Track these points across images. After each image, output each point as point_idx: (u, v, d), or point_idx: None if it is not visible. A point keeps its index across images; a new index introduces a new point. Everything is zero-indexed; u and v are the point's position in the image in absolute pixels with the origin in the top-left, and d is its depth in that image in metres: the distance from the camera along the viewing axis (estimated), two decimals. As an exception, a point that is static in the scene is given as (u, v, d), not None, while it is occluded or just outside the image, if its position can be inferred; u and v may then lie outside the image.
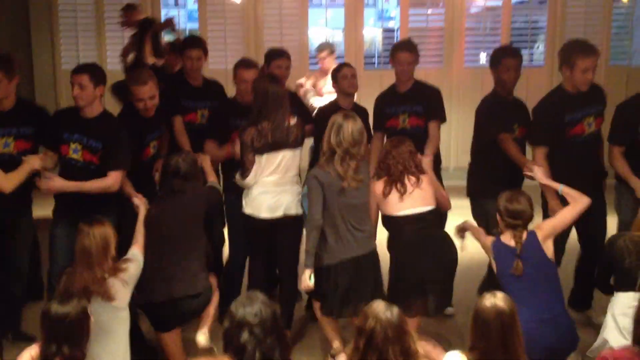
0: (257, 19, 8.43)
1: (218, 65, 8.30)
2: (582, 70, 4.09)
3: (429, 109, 4.75)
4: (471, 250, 4.14)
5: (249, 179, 4.04)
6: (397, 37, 9.17)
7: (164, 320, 3.80)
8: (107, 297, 3.31)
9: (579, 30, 8.36)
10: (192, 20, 9.71)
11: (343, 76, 4.67)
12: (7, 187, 3.79)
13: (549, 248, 3.56)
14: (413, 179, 3.91)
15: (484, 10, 8.74)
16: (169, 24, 6.70)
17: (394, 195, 3.89)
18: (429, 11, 8.75)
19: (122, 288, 3.38)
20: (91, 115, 4.05)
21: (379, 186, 3.96)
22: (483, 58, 8.71)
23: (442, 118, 4.83)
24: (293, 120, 4.10)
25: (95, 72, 4.05)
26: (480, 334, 2.65)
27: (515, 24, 8.68)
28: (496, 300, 2.67)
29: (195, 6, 8.87)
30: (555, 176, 4.08)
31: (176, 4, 10.62)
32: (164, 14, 8.80)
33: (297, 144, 4.11)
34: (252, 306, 2.48)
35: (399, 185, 3.89)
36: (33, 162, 3.90)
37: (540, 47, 9.18)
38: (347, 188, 3.76)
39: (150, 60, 6.09)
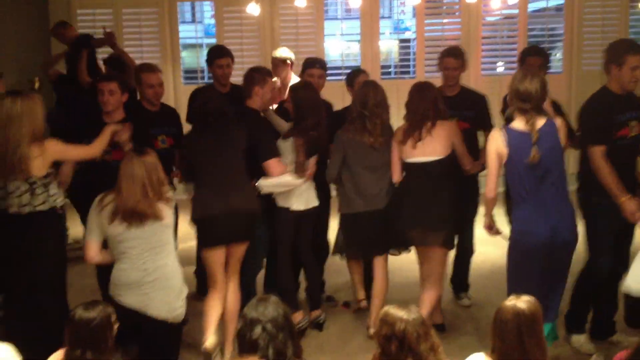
0: (273, 32, 8.50)
1: (235, 78, 8.34)
2: (631, 67, 3.98)
3: (480, 116, 4.80)
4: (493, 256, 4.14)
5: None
6: (413, 47, 9.18)
7: (214, 234, 4.04)
8: (159, 217, 3.55)
9: (596, 37, 8.33)
10: (209, 35, 9.81)
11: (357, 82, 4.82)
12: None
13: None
14: (429, 124, 4.18)
15: (501, 19, 8.73)
16: (109, 39, 6.27)
17: (410, 142, 4.20)
18: (445, 20, 8.77)
19: (168, 208, 3.64)
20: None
21: (399, 132, 4.31)
22: (500, 66, 8.70)
23: (490, 126, 4.72)
24: None
25: (122, 80, 4.45)
26: (498, 333, 2.64)
27: (532, 32, 8.66)
28: (518, 301, 2.65)
29: (212, 21, 8.96)
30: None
31: (193, 19, 10.73)
32: (181, 30, 8.91)
33: None
34: (264, 306, 2.58)
35: (415, 134, 4.19)
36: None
37: (557, 55, 9.15)
38: (371, 147, 4.30)
39: (86, 78, 5.93)
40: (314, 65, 5.04)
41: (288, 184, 4.32)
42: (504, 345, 2.61)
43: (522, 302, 2.65)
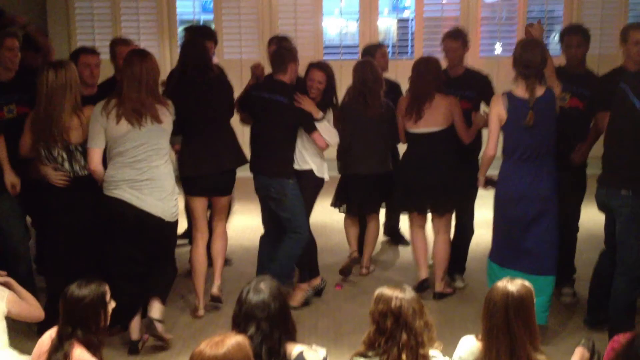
0: (271, 9, 8.44)
1: (233, 55, 8.33)
2: (634, 42, 4.27)
3: (482, 96, 4.84)
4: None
5: None
6: (411, 27, 9.12)
7: (200, 186, 4.38)
8: (158, 119, 3.83)
9: (596, 19, 8.29)
10: (206, 11, 9.71)
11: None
12: None
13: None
14: (431, 97, 4.55)
15: (500, 0, 8.67)
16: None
17: (412, 114, 4.60)
18: (445, 0, 8.71)
19: (168, 116, 3.92)
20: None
21: (403, 102, 4.75)
22: (499, 48, 8.66)
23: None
24: None
25: None
26: (486, 314, 2.66)
27: (531, 14, 8.60)
28: (509, 283, 2.66)
29: (210, -4, 8.88)
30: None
31: (191, -6, 10.62)
32: (178, 6, 8.83)
33: None
34: (261, 296, 2.54)
35: (417, 106, 4.57)
36: None
37: (556, 37, 9.10)
38: (371, 119, 4.79)
39: None
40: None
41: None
42: (491, 326, 2.62)
43: (513, 284, 2.66)
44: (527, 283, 2.70)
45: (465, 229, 5.05)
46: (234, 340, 2.20)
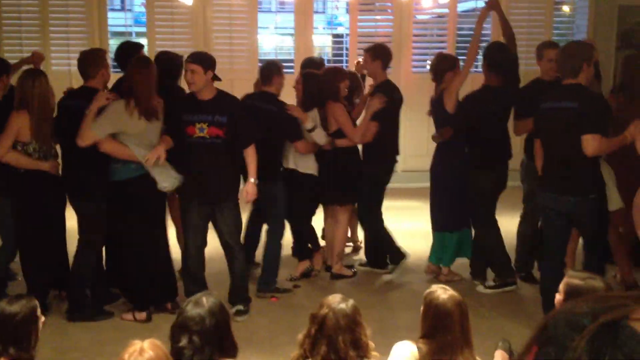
0: (206, 23, 8.40)
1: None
2: (548, 59, 4.88)
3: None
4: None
5: None
6: (346, 42, 9.26)
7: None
8: (159, 117, 4.47)
9: (522, 37, 8.59)
10: (139, 24, 9.60)
11: None
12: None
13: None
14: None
15: (431, 18, 8.92)
16: (36, 61, 5.56)
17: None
18: (378, 17, 8.90)
19: (161, 113, 4.51)
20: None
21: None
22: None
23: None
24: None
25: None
26: (439, 324, 2.69)
27: (461, 31, 8.88)
28: (449, 291, 2.73)
29: (143, 9, 8.78)
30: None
31: (122, 7, 10.47)
32: (110, 17, 8.70)
33: None
34: (198, 310, 2.51)
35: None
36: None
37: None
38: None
39: None
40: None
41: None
42: (451, 336, 2.65)
43: (451, 291, 2.72)
44: (456, 294, 2.76)
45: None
46: (153, 350, 2.21)
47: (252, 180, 4.51)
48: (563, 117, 4.06)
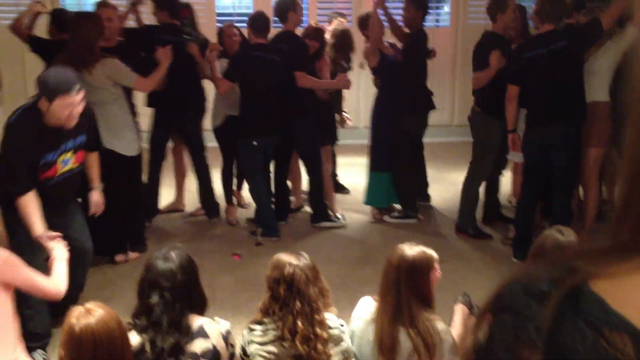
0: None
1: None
2: (513, 9, 5.07)
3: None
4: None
5: None
6: (306, -4, 9.07)
7: None
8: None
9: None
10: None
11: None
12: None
13: None
14: None
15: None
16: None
17: None
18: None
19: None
20: None
21: None
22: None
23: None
24: None
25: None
26: (383, 272, 2.72)
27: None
28: (407, 247, 2.71)
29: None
30: None
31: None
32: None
33: None
34: (168, 265, 2.47)
35: None
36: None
37: (445, 9, 9.35)
38: None
39: None
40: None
41: None
42: (384, 284, 2.68)
43: (411, 249, 2.70)
44: (428, 250, 2.74)
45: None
46: (100, 308, 2.22)
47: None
48: (555, 58, 4.47)
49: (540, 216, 5.19)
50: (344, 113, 6.23)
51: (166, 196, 5.94)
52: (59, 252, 3.08)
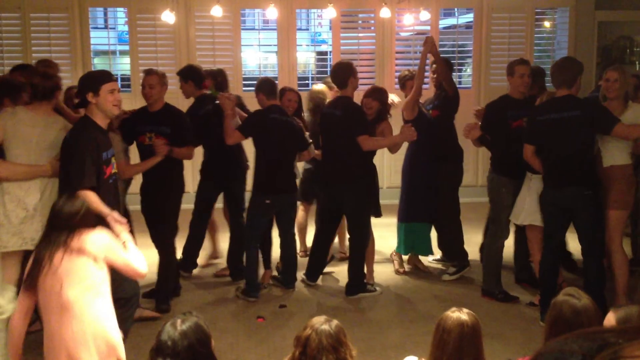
0: (189, 41, 8.40)
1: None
2: (519, 75, 5.13)
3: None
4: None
5: None
6: (330, 59, 9.28)
7: None
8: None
9: (504, 53, 8.70)
10: (122, 42, 9.56)
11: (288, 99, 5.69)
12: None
13: None
14: None
15: (413, 35, 8.97)
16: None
17: None
18: (361, 35, 8.93)
19: None
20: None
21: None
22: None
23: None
24: None
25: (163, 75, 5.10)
26: (438, 342, 2.68)
27: (443, 48, 8.94)
28: (461, 313, 2.70)
29: (126, 27, 8.76)
30: None
31: (106, 26, 10.46)
32: (93, 36, 8.67)
33: None
34: (172, 332, 2.47)
35: None
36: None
37: (467, 70, 9.48)
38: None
39: None
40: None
41: None
42: (442, 354, 2.64)
43: (464, 314, 2.69)
44: (472, 313, 2.73)
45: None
46: None
47: None
48: (567, 125, 4.56)
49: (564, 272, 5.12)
50: None
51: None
52: (127, 236, 3.38)
